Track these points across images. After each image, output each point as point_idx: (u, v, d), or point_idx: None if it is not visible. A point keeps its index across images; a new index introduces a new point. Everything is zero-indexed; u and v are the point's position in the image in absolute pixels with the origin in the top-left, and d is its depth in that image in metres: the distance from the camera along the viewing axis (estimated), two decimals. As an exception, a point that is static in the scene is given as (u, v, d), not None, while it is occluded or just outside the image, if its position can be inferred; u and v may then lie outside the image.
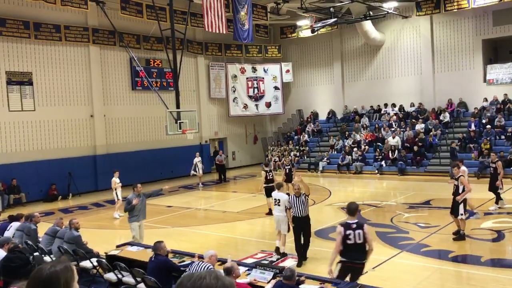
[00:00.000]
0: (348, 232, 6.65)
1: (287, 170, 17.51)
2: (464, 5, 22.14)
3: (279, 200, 10.22)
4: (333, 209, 15.34)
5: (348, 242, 6.64)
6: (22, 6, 19.61)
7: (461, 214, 10.71)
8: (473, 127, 22.16)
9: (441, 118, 23.81)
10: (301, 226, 9.51)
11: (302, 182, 9.61)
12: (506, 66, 23.01)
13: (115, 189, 15.75)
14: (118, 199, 15.75)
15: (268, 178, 14.83)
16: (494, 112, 22.47)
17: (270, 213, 14.76)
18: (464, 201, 10.81)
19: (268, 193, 14.76)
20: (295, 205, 9.47)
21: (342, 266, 6.81)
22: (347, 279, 6.78)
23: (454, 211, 10.90)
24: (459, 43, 24.10)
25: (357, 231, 6.64)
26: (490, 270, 9.05)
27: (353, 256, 6.72)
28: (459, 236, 10.74)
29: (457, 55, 24.16)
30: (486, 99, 23.13)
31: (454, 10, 22.77)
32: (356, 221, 6.78)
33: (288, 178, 17.44)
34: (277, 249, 10.23)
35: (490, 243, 10.60)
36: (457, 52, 24.16)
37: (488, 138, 21.00)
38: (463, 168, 12.82)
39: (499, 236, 11.04)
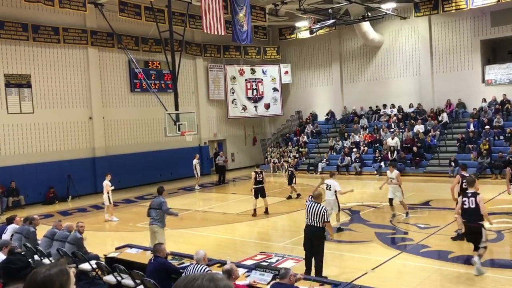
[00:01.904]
0: (464, 199, 8.60)
1: (290, 172, 17.40)
2: (462, 6, 22.18)
3: (330, 185, 12.17)
4: (333, 210, 15.29)
5: (464, 206, 8.56)
6: (20, 9, 19.59)
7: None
8: (472, 128, 22.17)
9: (439, 118, 23.82)
10: (310, 237, 8.48)
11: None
12: (505, 66, 23.04)
13: (108, 192, 15.31)
14: (110, 203, 15.45)
15: (258, 179, 14.77)
16: (493, 113, 22.48)
17: (254, 213, 14.75)
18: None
19: (256, 195, 14.75)
20: (313, 211, 8.45)
21: (464, 225, 8.77)
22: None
23: None
24: (457, 44, 24.13)
25: (471, 199, 8.47)
26: (489, 270, 9.04)
27: (469, 218, 8.50)
28: (457, 235, 10.70)
29: (456, 56, 24.19)
30: (484, 100, 23.15)
31: (452, 11, 22.80)
32: (472, 191, 8.61)
33: (290, 180, 17.38)
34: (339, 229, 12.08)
35: (490, 244, 10.57)
36: (456, 53, 24.18)
37: (487, 139, 21.01)
38: (395, 171, 13.24)
39: (498, 236, 11.03)
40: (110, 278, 8.14)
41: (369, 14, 23.21)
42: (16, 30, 19.37)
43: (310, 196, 8.86)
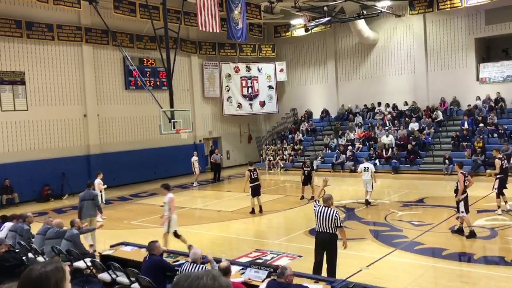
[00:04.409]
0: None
1: (306, 172, 16.92)
2: (457, 4, 22.23)
3: (367, 167, 14.95)
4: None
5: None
6: (14, 5, 19.47)
7: (462, 212, 10.74)
8: (466, 126, 22.27)
9: (434, 116, 23.91)
10: (323, 245, 8.02)
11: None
12: (499, 64, 23.14)
13: (100, 191, 15.13)
14: (102, 202, 15.32)
15: (253, 177, 14.60)
16: (487, 111, 22.59)
17: (253, 211, 14.66)
18: (465, 199, 10.80)
19: (253, 193, 14.62)
20: (323, 217, 7.86)
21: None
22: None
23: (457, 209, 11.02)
24: (452, 42, 24.21)
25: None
26: (483, 267, 9.11)
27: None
28: (469, 233, 10.72)
29: (450, 54, 24.27)
30: (479, 98, 23.25)
31: (447, 9, 22.86)
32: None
33: (307, 180, 16.94)
34: (367, 201, 14.92)
35: (483, 241, 10.66)
36: (450, 51, 24.27)
37: (481, 137, 21.12)
38: (169, 195, 10.79)
39: (492, 233, 11.11)
40: (105, 276, 8.13)
41: (364, 12, 23.22)
42: (9, 26, 19.24)
43: (317, 201, 8.25)
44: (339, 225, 7.81)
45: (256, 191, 14.62)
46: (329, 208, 7.87)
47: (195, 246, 8.58)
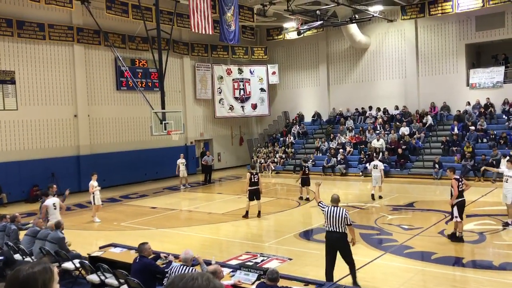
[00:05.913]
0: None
1: (306, 170, 17.04)
2: (448, 10, 22.45)
3: (376, 165, 16.37)
4: (318, 211, 15.30)
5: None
6: (4, 4, 19.31)
7: (456, 217, 10.81)
8: (456, 131, 22.45)
9: (424, 121, 24.08)
10: (335, 244, 8.15)
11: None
12: (488, 70, 23.38)
13: (93, 193, 15.00)
14: (95, 203, 15.14)
15: (253, 180, 14.35)
16: (477, 116, 22.79)
17: (246, 215, 14.50)
18: (459, 204, 10.87)
19: (251, 196, 14.48)
20: (333, 216, 8.07)
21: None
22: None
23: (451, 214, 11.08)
24: (443, 47, 24.42)
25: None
26: (471, 271, 9.18)
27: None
28: (457, 238, 10.82)
29: (441, 59, 24.48)
30: (468, 103, 23.45)
31: (438, 15, 23.07)
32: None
33: (305, 181, 17.00)
34: (372, 195, 16.33)
35: (472, 245, 10.74)
36: (441, 56, 24.47)
37: (470, 142, 21.29)
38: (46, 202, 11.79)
39: (480, 238, 11.20)
40: (93, 277, 8.07)
41: (357, 16, 23.37)
42: (0, 25, 19.07)
43: (321, 202, 8.47)
44: (349, 223, 8.01)
45: (254, 195, 14.41)
46: (338, 207, 8.12)
47: (187, 248, 8.53)
